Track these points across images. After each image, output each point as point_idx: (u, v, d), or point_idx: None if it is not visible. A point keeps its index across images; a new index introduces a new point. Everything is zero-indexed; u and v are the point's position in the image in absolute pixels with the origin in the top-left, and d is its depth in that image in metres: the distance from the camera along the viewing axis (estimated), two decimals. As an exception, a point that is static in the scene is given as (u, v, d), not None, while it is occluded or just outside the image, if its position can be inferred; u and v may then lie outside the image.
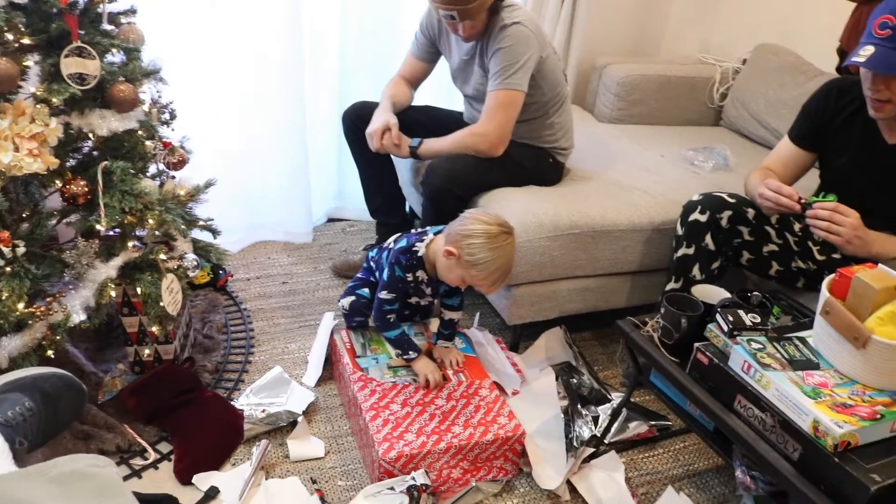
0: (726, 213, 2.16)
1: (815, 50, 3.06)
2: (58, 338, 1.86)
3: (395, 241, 2.21)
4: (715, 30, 3.69)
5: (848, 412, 1.47)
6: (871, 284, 1.56)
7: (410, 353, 2.16)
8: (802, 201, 2.00)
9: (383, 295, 2.14)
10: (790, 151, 2.25)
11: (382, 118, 2.51)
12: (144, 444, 2.02)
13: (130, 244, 1.98)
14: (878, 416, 1.46)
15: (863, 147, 2.08)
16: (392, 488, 1.82)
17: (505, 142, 2.41)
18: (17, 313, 1.76)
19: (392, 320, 2.17)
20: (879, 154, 2.05)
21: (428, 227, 2.18)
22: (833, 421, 1.43)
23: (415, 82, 2.74)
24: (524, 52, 2.33)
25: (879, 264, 1.64)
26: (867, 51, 1.85)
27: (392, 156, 2.77)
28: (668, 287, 2.27)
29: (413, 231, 2.22)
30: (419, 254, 2.10)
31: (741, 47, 3.45)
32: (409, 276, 2.12)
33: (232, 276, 2.83)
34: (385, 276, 2.14)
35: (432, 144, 2.48)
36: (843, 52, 2.83)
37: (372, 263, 2.37)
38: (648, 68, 3.40)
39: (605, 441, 2.13)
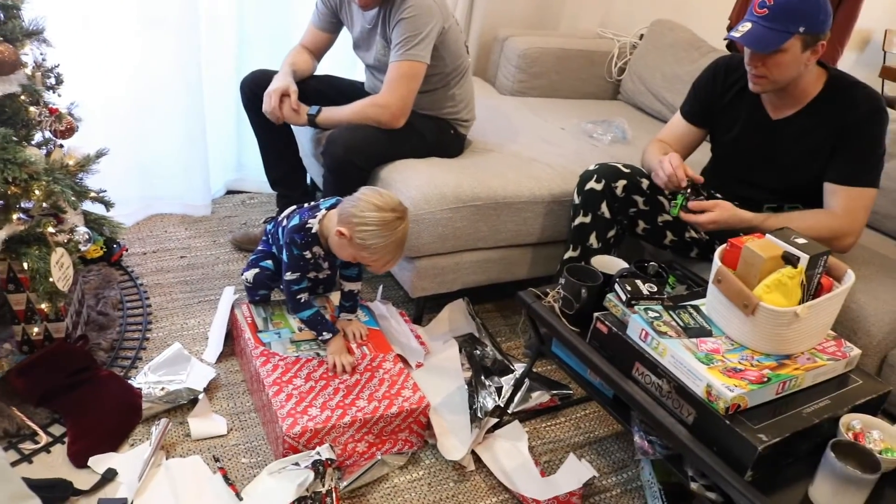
0: (621, 183, 2.22)
1: (708, 27, 3.17)
2: (-65, 318, 1.76)
3: (288, 219, 2.16)
4: (614, 5, 3.76)
5: (738, 376, 1.53)
6: (759, 253, 1.63)
7: (325, 333, 2.11)
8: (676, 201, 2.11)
9: (289, 276, 2.09)
10: (682, 127, 2.33)
11: (283, 81, 2.46)
12: (35, 426, 1.93)
13: (15, 217, 1.88)
14: (766, 380, 1.53)
15: (749, 123, 2.17)
16: (297, 464, 1.80)
17: (406, 113, 2.39)
18: None
19: (303, 300, 2.12)
20: (764, 129, 2.14)
21: (321, 202, 2.14)
22: (724, 385, 1.50)
23: (317, 53, 2.69)
24: (427, 22, 2.32)
25: (767, 234, 1.71)
26: (745, 27, 1.94)
27: (293, 126, 2.72)
28: (567, 255, 2.32)
29: (305, 206, 2.17)
30: (313, 230, 2.06)
31: (639, 23, 3.53)
32: (308, 254, 2.09)
33: (127, 250, 2.72)
34: (285, 256, 2.10)
35: (332, 113, 2.44)
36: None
37: (268, 237, 2.32)
38: (549, 41, 3.43)
39: (509, 411, 2.17)
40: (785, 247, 1.65)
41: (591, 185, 2.24)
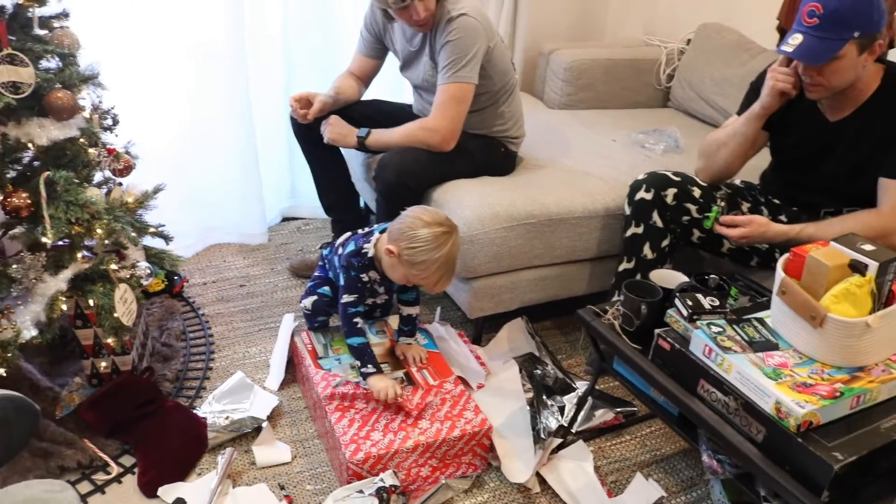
0: (671, 191, 2.19)
1: (756, 27, 3.10)
2: (9, 356, 1.81)
3: (343, 246, 2.18)
4: (658, 11, 3.71)
5: (808, 391, 1.49)
6: (824, 262, 1.58)
7: (369, 366, 2.07)
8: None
9: (346, 299, 2.10)
10: None
11: (313, 92, 2.55)
12: (106, 458, 1.98)
13: (79, 255, 1.93)
14: (838, 395, 1.49)
15: (807, 126, 2.11)
16: (361, 491, 1.80)
17: (456, 136, 2.39)
18: (-36, 333, 1.71)
19: (359, 325, 2.11)
20: (822, 132, 2.08)
21: (374, 226, 2.16)
22: (794, 401, 1.45)
23: (364, 79, 2.71)
24: (472, 43, 2.32)
25: (832, 242, 1.66)
26: (796, 39, 1.87)
27: (344, 151, 2.75)
28: (621, 268, 2.29)
29: (359, 232, 2.19)
30: (369, 255, 2.08)
31: (685, 27, 3.48)
32: (365, 277, 2.10)
33: (188, 281, 2.78)
34: (342, 279, 2.11)
35: (381, 136, 2.45)
36: (782, 30, 2.87)
37: (325, 262, 2.35)
38: (594, 52, 3.41)
39: (572, 431, 2.14)
40: (851, 254, 1.60)
41: (641, 194, 2.21)
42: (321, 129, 2.54)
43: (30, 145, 1.85)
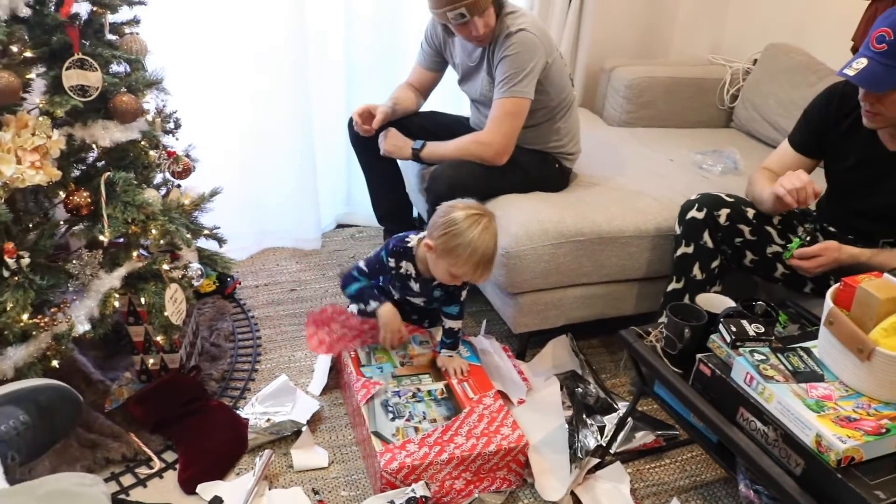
0: (724, 211, 2.15)
1: (827, 49, 3.02)
2: (62, 348, 1.87)
3: (394, 239, 2.24)
4: (725, 30, 3.66)
5: (852, 426, 1.44)
6: (875, 294, 1.53)
7: (371, 302, 2.16)
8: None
9: (360, 264, 2.21)
10: (791, 157, 2.22)
11: (374, 104, 2.58)
12: (150, 452, 2.03)
13: (135, 254, 1.99)
14: (884, 431, 1.44)
15: (865, 154, 2.04)
16: (392, 501, 1.81)
17: (509, 151, 2.40)
18: (22, 324, 1.77)
19: (357, 280, 2.22)
20: (881, 161, 2.01)
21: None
22: (836, 436, 1.41)
23: (423, 91, 2.74)
24: (530, 59, 2.32)
25: (885, 274, 1.61)
26: (860, 64, 1.81)
27: (399, 162, 2.77)
28: (670, 288, 2.26)
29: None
30: (410, 244, 2.12)
31: (752, 47, 3.42)
32: (392, 262, 2.14)
33: (240, 283, 2.83)
34: (372, 254, 2.18)
35: (436, 148, 2.47)
36: (857, 51, 2.79)
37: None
38: (657, 70, 3.37)
39: (611, 451, 2.11)
40: (904, 287, 1.55)
41: (693, 213, 2.18)
42: (378, 141, 2.57)
43: (94, 146, 1.93)
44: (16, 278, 1.78)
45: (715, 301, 1.93)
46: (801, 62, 3.08)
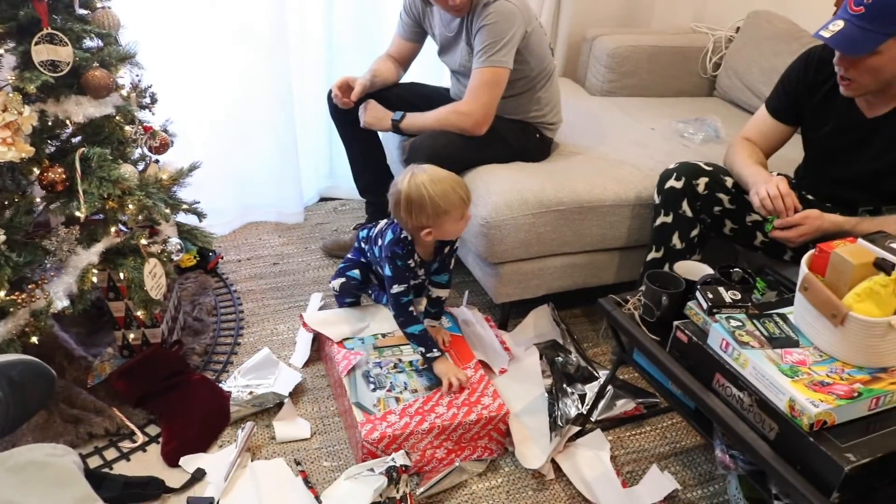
0: (703, 180, 2.15)
1: (809, 16, 3.01)
2: (41, 324, 1.87)
3: (382, 237, 2.20)
4: (708, -2, 3.64)
5: (825, 390, 1.46)
6: (849, 260, 1.54)
7: (434, 350, 2.10)
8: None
9: (396, 289, 2.11)
10: (769, 124, 2.22)
11: (352, 77, 2.56)
12: (133, 427, 2.04)
13: (113, 230, 1.98)
14: (856, 395, 1.45)
15: (843, 121, 2.04)
16: (372, 470, 1.83)
17: (489, 120, 2.38)
18: (-1, 301, 1.77)
19: (414, 313, 2.13)
20: (858, 128, 2.01)
21: None
22: (809, 400, 1.43)
23: (402, 62, 2.72)
24: (508, 28, 2.30)
25: (859, 239, 1.62)
26: (836, 26, 1.80)
27: (380, 134, 2.76)
28: (650, 257, 2.27)
29: (394, 221, 2.19)
30: (409, 238, 2.10)
31: (734, 15, 3.39)
32: (411, 262, 2.12)
33: (223, 257, 2.83)
34: (388, 271, 2.11)
35: (415, 119, 2.46)
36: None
37: (363, 244, 2.36)
38: (639, 39, 3.35)
39: (591, 419, 2.13)
40: (878, 252, 1.56)
41: (671, 183, 2.18)
42: (358, 113, 2.56)
43: (67, 122, 1.91)
44: (-9, 255, 1.78)
45: (693, 268, 1.94)
46: (784, 29, 3.07)
